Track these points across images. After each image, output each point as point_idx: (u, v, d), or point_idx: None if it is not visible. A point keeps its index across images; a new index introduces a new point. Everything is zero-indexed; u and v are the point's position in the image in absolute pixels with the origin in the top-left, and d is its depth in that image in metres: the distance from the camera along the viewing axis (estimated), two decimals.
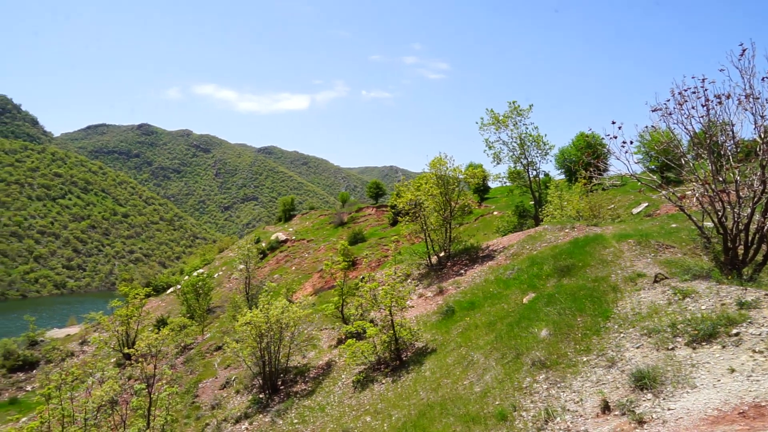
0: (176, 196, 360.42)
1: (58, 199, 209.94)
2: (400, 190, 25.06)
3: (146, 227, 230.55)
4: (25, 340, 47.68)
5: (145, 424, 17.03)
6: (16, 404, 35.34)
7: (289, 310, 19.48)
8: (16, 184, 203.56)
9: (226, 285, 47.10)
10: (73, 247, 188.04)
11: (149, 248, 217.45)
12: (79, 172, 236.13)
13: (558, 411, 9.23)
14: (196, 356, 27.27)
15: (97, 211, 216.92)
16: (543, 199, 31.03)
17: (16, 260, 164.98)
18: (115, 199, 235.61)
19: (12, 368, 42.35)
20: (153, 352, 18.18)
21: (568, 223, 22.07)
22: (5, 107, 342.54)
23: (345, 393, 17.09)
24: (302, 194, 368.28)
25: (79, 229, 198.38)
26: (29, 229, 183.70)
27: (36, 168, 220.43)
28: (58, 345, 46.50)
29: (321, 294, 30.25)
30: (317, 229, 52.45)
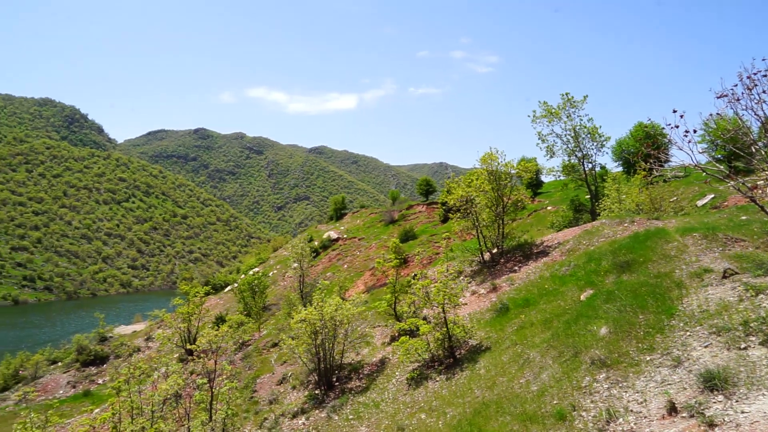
0: (231, 198, 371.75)
1: (122, 203, 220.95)
2: (451, 186, 24.84)
3: (204, 228, 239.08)
4: (96, 336, 50.52)
5: (207, 417, 17.65)
6: (90, 396, 37.48)
7: (342, 307, 19.70)
8: (85, 189, 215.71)
9: (280, 283, 48.18)
10: (137, 247, 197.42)
11: (207, 248, 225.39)
12: (141, 176, 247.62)
13: (620, 412, 8.91)
14: (253, 352, 28.04)
15: (159, 213, 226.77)
16: (599, 192, 30.02)
17: (86, 261, 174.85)
18: (175, 202, 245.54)
19: (85, 362, 44.93)
20: (213, 348, 18.81)
21: (627, 216, 21.24)
22: (74, 117, 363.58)
23: (399, 390, 17.13)
24: (352, 193, 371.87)
25: (142, 230, 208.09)
26: (97, 231, 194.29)
27: (102, 173, 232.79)
28: (126, 341, 48.99)
29: (373, 291, 30.44)
30: (368, 227, 52.80)
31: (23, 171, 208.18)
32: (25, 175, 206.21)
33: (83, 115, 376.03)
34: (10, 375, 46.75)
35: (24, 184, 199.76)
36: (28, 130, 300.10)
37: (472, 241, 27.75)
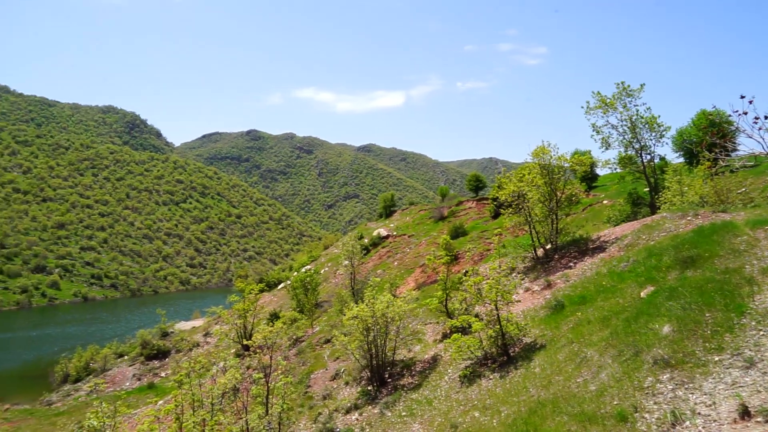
0: (283, 197, 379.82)
1: (180, 204, 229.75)
2: (502, 181, 24.41)
3: (257, 227, 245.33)
4: (158, 331, 52.76)
5: (264, 411, 18.11)
6: (153, 388, 39.22)
7: (393, 304, 19.75)
8: (145, 191, 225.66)
9: (332, 280, 48.79)
10: (194, 246, 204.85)
11: (261, 246, 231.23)
12: (197, 177, 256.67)
13: (687, 414, 8.50)
14: (307, 348, 28.55)
15: (214, 213, 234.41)
16: (659, 185, 28.73)
17: (148, 260, 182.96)
18: (229, 202, 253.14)
19: (148, 356, 47.05)
20: (268, 343, 19.27)
21: (691, 210, 20.23)
22: (134, 123, 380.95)
23: (452, 387, 17.02)
24: (401, 190, 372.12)
25: (199, 230, 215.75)
26: (158, 231, 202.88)
27: (161, 176, 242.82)
28: (186, 336, 50.93)
29: (424, 289, 30.35)
30: (417, 224, 52.67)
31: (90, 175, 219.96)
32: (92, 179, 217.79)
33: (143, 121, 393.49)
34: (82, 367, 49.59)
35: (91, 187, 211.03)
36: (94, 137, 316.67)
37: (524, 237, 27.20)
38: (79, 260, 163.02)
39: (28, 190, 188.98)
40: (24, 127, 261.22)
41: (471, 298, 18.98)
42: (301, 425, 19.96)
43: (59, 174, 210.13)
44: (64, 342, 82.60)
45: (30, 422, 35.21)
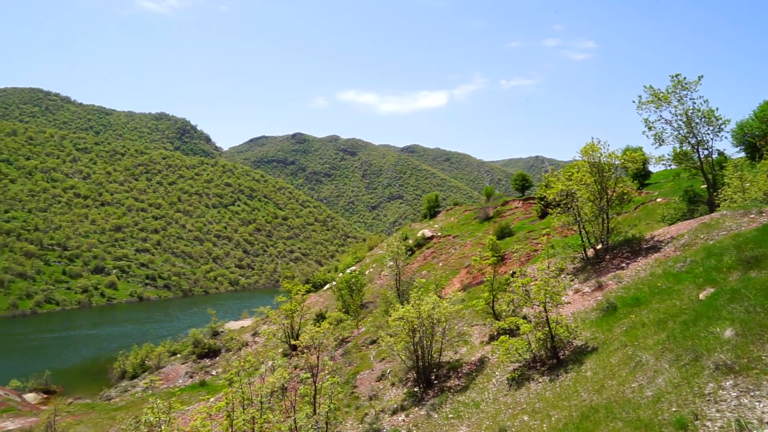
0: (328, 199, 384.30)
1: (229, 206, 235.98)
2: (549, 180, 23.87)
3: (303, 228, 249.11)
4: (209, 331, 54.33)
5: (311, 411, 18.33)
6: (205, 386, 40.38)
7: (439, 305, 19.62)
8: (196, 195, 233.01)
9: (377, 281, 48.94)
10: (243, 248, 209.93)
11: (306, 248, 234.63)
12: (245, 181, 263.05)
13: (753, 423, 8.04)
14: (353, 349, 28.73)
15: (261, 216, 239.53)
16: (717, 181, 27.39)
17: (199, 261, 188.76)
18: (276, 204, 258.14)
19: (200, 355, 48.48)
20: (315, 344, 19.49)
21: (754, 207, 19.20)
22: (185, 128, 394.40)
23: (500, 390, 16.75)
24: (446, 190, 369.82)
25: (247, 232, 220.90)
26: (208, 233, 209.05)
27: (211, 179, 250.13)
28: (235, 335, 52.22)
29: (470, 290, 30.02)
30: (462, 224, 52.18)
31: (144, 180, 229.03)
32: (146, 183, 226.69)
33: (193, 127, 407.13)
34: (138, 364, 51.64)
35: (145, 191, 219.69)
36: (147, 143, 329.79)
37: (573, 237, 26.51)
38: (134, 262, 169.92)
39: (87, 195, 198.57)
40: (84, 135, 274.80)
41: (519, 300, 18.64)
42: (348, 425, 20.09)
43: (116, 179, 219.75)
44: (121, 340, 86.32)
45: (91, 416, 36.91)
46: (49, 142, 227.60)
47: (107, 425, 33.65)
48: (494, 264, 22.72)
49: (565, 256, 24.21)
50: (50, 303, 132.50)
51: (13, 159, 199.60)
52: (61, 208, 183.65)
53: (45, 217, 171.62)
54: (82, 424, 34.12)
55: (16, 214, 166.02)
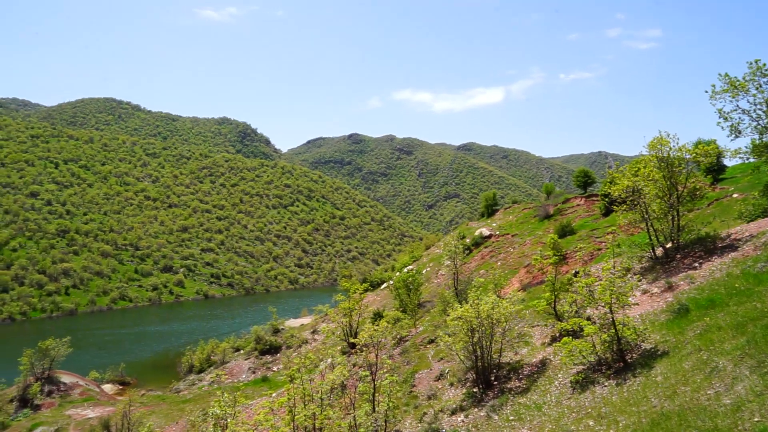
0: (384, 198, 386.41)
1: (288, 207, 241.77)
2: (614, 176, 22.93)
3: (360, 228, 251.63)
4: (270, 328, 55.82)
5: (370, 408, 18.47)
6: (267, 381, 41.51)
7: (499, 305, 19.27)
8: (257, 196, 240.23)
9: (434, 280, 48.72)
10: (302, 248, 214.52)
11: (363, 247, 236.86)
12: (303, 181, 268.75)
13: None
14: (411, 348, 28.71)
15: (319, 216, 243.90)
16: None
17: (260, 260, 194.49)
18: (333, 204, 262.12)
19: (262, 351, 49.90)
20: (374, 342, 19.62)
21: None
22: (246, 132, 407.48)
23: (563, 393, 16.26)
24: (503, 188, 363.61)
25: (305, 231, 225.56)
26: (268, 233, 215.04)
27: (270, 181, 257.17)
28: (295, 333, 53.41)
29: (530, 290, 29.32)
30: (521, 223, 51.07)
31: (208, 182, 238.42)
32: (210, 185, 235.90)
33: (253, 130, 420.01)
34: (204, 359, 53.82)
35: (209, 193, 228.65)
36: (210, 146, 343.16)
37: (640, 235, 25.37)
38: (200, 261, 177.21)
39: (156, 198, 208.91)
40: (153, 140, 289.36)
41: (582, 300, 18.01)
42: (407, 424, 20.08)
43: (182, 182, 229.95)
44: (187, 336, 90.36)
45: (162, 407, 38.77)
46: (122, 148, 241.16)
47: (177, 416, 35.23)
48: (556, 263, 22.03)
49: (631, 255, 23.19)
50: (124, 300, 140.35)
51: (90, 165, 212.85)
52: (132, 210, 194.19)
53: (119, 219, 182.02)
54: (154, 414, 35.88)
55: (93, 217, 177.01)
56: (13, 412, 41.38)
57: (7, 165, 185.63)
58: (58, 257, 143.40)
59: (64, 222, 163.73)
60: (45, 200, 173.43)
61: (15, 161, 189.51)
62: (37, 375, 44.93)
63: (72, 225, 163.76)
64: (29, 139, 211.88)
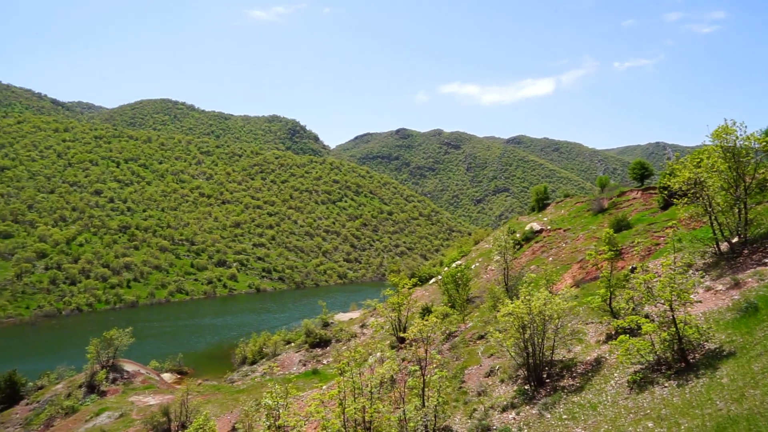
0: (432, 193, 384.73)
1: (337, 202, 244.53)
2: (674, 168, 21.87)
3: (408, 223, 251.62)
4: (320, 321, 56.67)
5: (420, 403, 18.44)
6: (317, 374, 42.18)
7: (551, 301, 18.81)
8: (306, 192, 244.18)
9: (483, 276, 48.12)
10: (350, 243, 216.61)
11: (411, 242, 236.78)
12: (351, 177, 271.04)
13: None
14: (460, 344, 28.47)
15: (367, 211, 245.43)
16: None
17: (310, 255, 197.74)
18: (381, 199, 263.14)
19: (312, 344, 50.74)
20: (423, 337, 19.55)
21: None
22: (295, 129, 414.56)
23: (619, 393, 15.72)
24: (555, 182, 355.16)
25: (354, 227, 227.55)
26: (317, 228, 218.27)
27: (319, 177, 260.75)
28: (344, 327, 54.00)
29: (583, 286, 28.48)
30: (574, 217, 49.64)
31: (259, 179, 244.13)
32: (261, 182, 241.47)
33: (302, 127, 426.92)
34: (257, 351, 55.26)
35: (260, 190, 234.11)
36: (261, 144, 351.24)
37: (702, 229, 24.13)
38: (252, 255, 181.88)
39: (210, 194, 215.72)
40: (206, 139, 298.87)
41: (640, 297, 17.34)
42: (456, 420, 19.93)
43: (234, 179, 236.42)
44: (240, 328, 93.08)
45: (218, 396, 40.08)
46: (178, 147, 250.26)
47: (231, 406, 36.33)
48: (611, 258, 21.24)
49: (693, 250, 22.10)
50: (181, 293, 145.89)
51: (149, 163, 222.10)
52: (188, 206, 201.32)
53: (175, 215, 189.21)
54: (210, 403, 37.14)
55: (152, 213, 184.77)
56: (82, 397, 43.86)
57: (74, 165, 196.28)
58: (120, 252, 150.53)
59: (125, 218, 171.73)
60: (108, 198, 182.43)
61: (81, 161, 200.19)
62: (103, 363, 47.42)
63: (132, 221, 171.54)
64: (93, 140, 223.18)
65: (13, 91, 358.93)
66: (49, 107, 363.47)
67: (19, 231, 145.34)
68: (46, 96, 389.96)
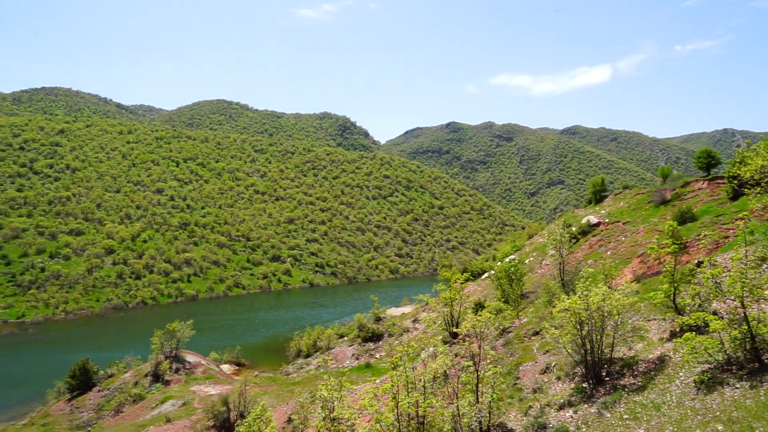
0: (483, 186, 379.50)
1: (387, 197, 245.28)
2: (745, 156, 20.57)
3: (459, 217, 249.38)
4: (372, 316, 57.14)
5: (474, 399, 18.23)
6: (370, 368, 42.56)
7: (610, 297, 18.13)
8: (357, 187, 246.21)
9: (537, 271, 47.07)
10: (401, 238, 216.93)
11: (463, 237, 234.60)
12: (401, 172, 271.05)
13: None
14: (514, 339, 27.97)
15: (418, 206, 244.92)
16: None
17: (361, 250, 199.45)
18: (432, 194, 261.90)
19: (364, 338, 51.23)
20: (476, 332, 19.30)
21: None
22: (346, 125, 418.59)
23: (685, 393, 14.99)
24: (612, 173, 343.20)
25: (405, 222, 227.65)
26: (369, 224, 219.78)
27: (370, 172, 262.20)
28: (396, 321, 54.20)
29: (644, 281, 27.31)
30: (633, 209, 47.67)
31: (311, 175, 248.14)
32: (313, 178, 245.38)
33: (353, 123, 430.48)
34: (311, 344, 56.34)
35: (312, 186, 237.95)
36: (313, 141, 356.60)
37: None
38: (305, 251, 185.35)
39: (264, 191, 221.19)
40: (260, 137, 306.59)
41: (707, 293, 16.46)
42: (511, 417, 19.60)
43: (287, 176, 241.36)
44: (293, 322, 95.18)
45: (273, 388, 41.16)
46: (233, 146, 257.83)
47: (287, 397, 37.21)
48: (675, 252, 20.25)
49: (767, 243, 20.77)
50: (238, 287, 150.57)
51: (206, 162, 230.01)
52: (244, 203, 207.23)
53: (232, 212, 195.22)
54: (267, 394, 38.18)
55: (209, 210, 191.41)
56: (148, 386, 46.13)
57: (137, 165, 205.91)
58: (180, 248, 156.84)
59: (185, 215, 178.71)
60: (169, 196, 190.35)
61: (143, 161, 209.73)
62: (166, 354, 49.65)
63: (192, 218, 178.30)
64: (154, 141, 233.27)
65: (82, 97, 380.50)
66: (114, 111, 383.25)
67: (89, 228, 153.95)
68: (111, 100, 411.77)
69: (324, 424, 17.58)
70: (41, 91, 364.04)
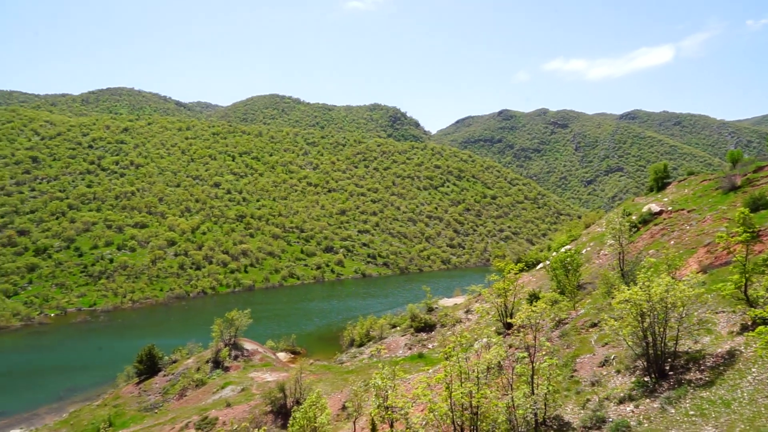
0: (538, 175, 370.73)
1: (439, 188, 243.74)
2: None
3: (512, 207, 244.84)
4: (424, 306, 57.09)
5: (529, 390, 17.90)
6: (423, 358, 42.59)
7: (674, 288, 17.31)
8: (408, 178, 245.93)
9: (595, 261, 45.64)
10: (453, 228, 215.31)
11: (516, 226, 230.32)
12: (453, 162, 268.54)
13: None
14: (571, 331, 27.25)
15: (470, 195, 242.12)
16: None
17: (413, 240, 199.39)
18: (484, 183, 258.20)
19: (417, 329, 51.29)
20: (531, 323, 18.92)
21: None
22: (396, 116, 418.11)
23: (758, 390, 14.16)
24: (676, 159, 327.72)
25: (456, 212, 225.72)
26: (420, 214, 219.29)
27: (421, 163, 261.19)
28: (449, 312, 53.93)
29: (712, 272, 25.91)
30: (699, 196, 45.27)
31: (362, 167, 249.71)
32: (364, 170, 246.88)
33: (403, 114, 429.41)
34: (364, 334, 56.94)
35: (363, 177, 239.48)
36: (363, 132, 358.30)
37: None
38: (357, 242, 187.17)
39: (317, 183, 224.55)
40: (312, 130, 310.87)
41: None
42: (568, 410, 19.14)
43: (339, 168, 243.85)
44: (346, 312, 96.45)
45: (328, 376, 41.93)
46: (286, 139, 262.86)
47: (341, 385, 37.82)
48: (746, 241, 19.08)
49: None
50: (292, 277, 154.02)
51: (260, 156, 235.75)
52: (297, 195, 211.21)
53: (285, 204, 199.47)
54: (322, 382, 38.94)
55: (264, 203, 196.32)
56: (209, 372, 48.06)
57: (195, 160, 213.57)
58: (237, 239, 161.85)
59: (241, 208, 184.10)
60: (225, 189, 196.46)
61: (201, 156, 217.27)
62: (225, 341, 51.48)
63: (247, 210, 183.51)
64: (211, 137, 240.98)
65: (143, 96, 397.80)
66: (173, 108, 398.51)
67: (152, 222, 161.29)
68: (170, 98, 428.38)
69: (378, 412, 17.74)
70: (107, 91, 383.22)
